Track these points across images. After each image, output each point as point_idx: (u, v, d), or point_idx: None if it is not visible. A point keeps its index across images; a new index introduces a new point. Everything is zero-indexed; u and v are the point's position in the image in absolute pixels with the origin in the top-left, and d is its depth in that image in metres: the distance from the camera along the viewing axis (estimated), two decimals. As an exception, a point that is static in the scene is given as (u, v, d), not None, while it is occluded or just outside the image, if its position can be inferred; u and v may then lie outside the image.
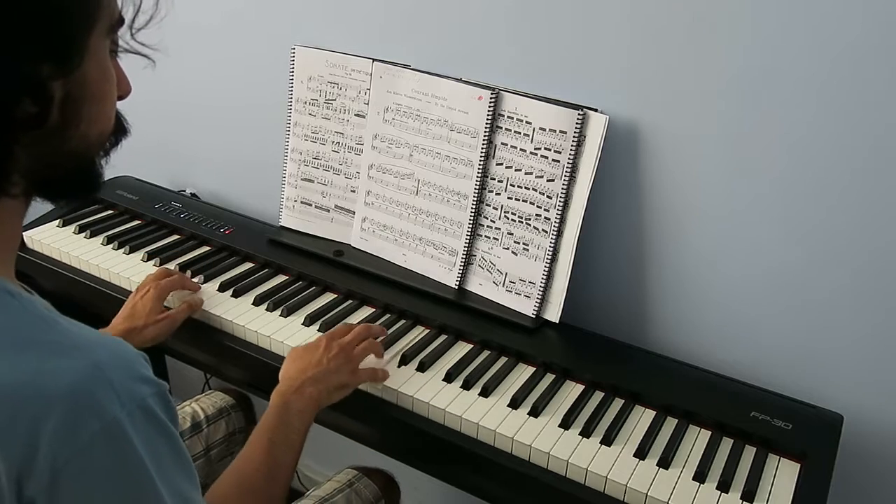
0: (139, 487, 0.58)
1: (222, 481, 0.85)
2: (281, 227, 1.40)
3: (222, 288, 1.24)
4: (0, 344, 0.56)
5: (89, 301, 1.30)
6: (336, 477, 1.20)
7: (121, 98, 0.67)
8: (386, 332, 1.12)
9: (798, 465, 0.94)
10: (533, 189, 1.14)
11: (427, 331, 1.16)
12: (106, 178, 0.72)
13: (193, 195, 1.63)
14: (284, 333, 1.13)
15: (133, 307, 1.13)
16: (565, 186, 1.11)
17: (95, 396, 0.55)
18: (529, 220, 1.15)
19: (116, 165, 0.74)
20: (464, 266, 1.22)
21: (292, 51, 1.32)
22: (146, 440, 0.58)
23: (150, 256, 1.32)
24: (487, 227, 1.20)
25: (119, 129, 0.69)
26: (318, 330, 1.14)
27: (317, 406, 0.95)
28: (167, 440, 0.61)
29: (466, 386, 1.04)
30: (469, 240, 1.21)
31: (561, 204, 1.12)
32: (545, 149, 1.12)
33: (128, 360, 0.60)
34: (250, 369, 1.17)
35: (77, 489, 0.55)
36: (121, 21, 0.63)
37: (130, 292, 1.23)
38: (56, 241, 1.37)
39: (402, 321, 1.18)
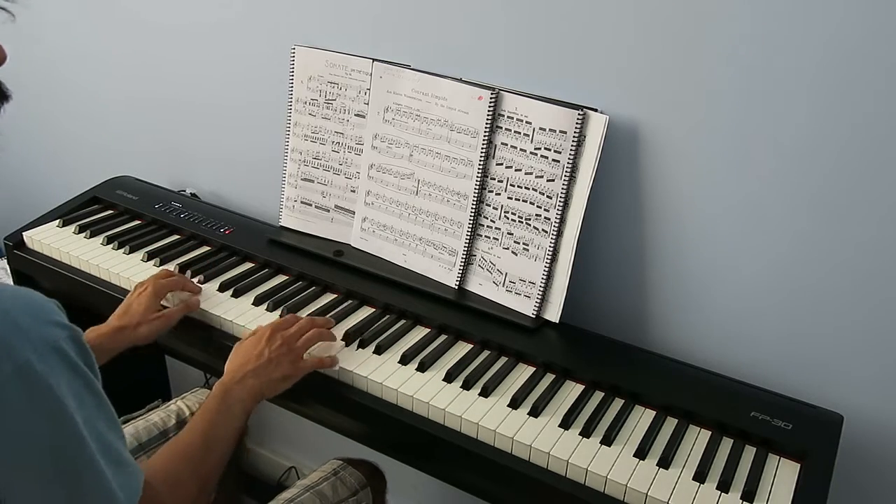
0: (59, 426, 0.59)
1: (162, 449, 0.87)
2: (281, 227, 1.40)
3: (222, 288, 1.24)
4: None
5: (89, 301, 1.30)
6: (322, 467, 1.22)
7: None
8: (333, 322, 1.14)
9: (798, 465, 0.94)
10: (533, 189, 1.14)
11: (427, 331, 1.16)
12: (106, 178, 0.72)
13: (193, 195, 1.64)
14: (284, 333, 1.13)
15: (129, 305, 1.13)
16: (565, 186, 1.11)
17: (4, 341, 0.56)
18: (529, 219, 1.15)
19: (117, 165, 0.74)
20: (464, 266, 1.22)
21: (292, 51, 1.32)
22: (63, 381, 0.59)
23: (150, 256, 1.32)
24: (487, 227, 1.20)
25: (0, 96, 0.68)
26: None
27: (259, 397, 0.98)
28: (84, 382, 0.62)
29: (466, 386, 1.04)
30: (469, 240, 1.21)
31: (561, 204, 1.12)
32: (545, 149, 1.12)
33: (38, 306, 0.61)
34: (250, 369, 1.16)
35: None
36: None
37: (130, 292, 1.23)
38: (56, 241, 1.37)
39: (402, 321, 1.18)
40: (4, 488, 0.58)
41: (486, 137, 1.16)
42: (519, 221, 1.16)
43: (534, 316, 1.16)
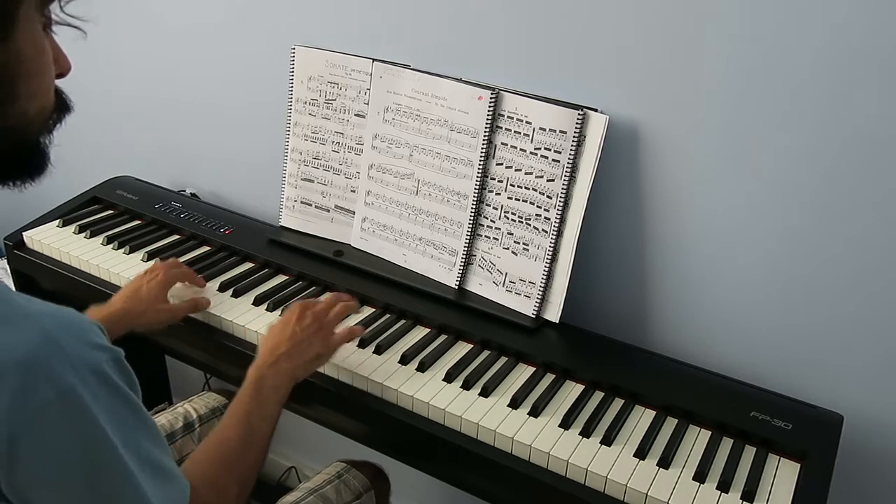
0: (98, 451, 0.59)
1: (200, 449, 0.86)
2: (281, 227, 1.40)
3: (222, 288, 1.24)
4: None
5: (89, 301, 1.29)
6: (325, 470, 1.21)
7: (61, 76, 0.66)
8: (356, 300, 1.13)
9: (798, 465, 0.94)
10: (533, 189, 1.14)
11: (427, 331, 1.16)
12: (106, 178, 0.72)
13: (193, 195, 1.64)
14: (284, 333, 1.13)
15: (137, 289, 1.12)
16: (565, 186, 1.11)
17: (48, 364, 0.56)
18: (529, 219, 1.15)
19: (117, 165, 0.74)
20: (464, 266, 1.22)
21: (292, 51, 1.32)
22: (103, 404, 0.59)
23: (151, 256, 1.32)
24: (487, 227, 1.20)
25: (61, 107, 0.68)
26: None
27: (292, 380, 0.96)
28: (125, 403, 0.62)
29: (466, 386, 1.04)
30: (469, 240, 1.21)
31: (561, 204, 1.12)
32: (545, 149, 1.12)
33: (80, 329, 0.60)
34: (250, 369, 1.17)
35: (35, 457, 0.56)
36: None
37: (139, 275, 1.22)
38: (56, 241, 1.37)
39: (402, 321, 1.18)
40: None
41: (486, 137, 1.16)
42: (519, 221, 1.16)
43: (534, 316, 1.16)
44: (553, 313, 1.16)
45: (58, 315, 0.60)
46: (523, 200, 1.15)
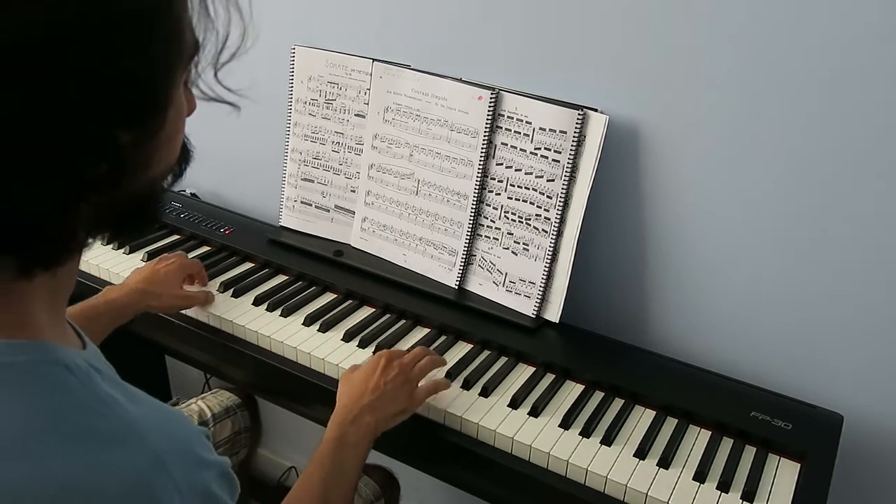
0: None
1: None
2: (281, 227, 1.40)
3: (222, 288, 1.24)
4: (55, 432, 0.50)
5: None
6: None
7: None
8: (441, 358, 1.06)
9: (798, 465, 0.94)
10: (533, 189, 1.14)
11: (427, 331, 1.16)
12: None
13: (193, 195, 1.63)
14: (284, 333, 1.13)
15: (155, 272, 1.13)
16: (565, 186, 1.11)
17: (154, 492, 0.52)
18: (529, 219, 1.15)
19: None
20: (464, 266, 1.22)
21: (292, 51, 1.32)
22: None
23: (151, 256, 1.32)
24: (487, 227, 1.20)
25: (184, 155, 0.63)
26: (319, 330, 1.14)
27: (373, 436, 0.91)
28: None
29: (466, 386, 1.04)
30: (469, 240, 1.21)
31: (561, 204, 1.12)
32: (545, 149, 1.12)
33: (188, 445, 0.56)
34: (250, 369, 1.17)
35: None
36: (196, 48, 0.57)
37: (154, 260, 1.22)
38: (56, 241, 1.37)
39: (402, 321, 1.18)
40: None
41: (486, 137, 1.16)
42: (519, 221, 1.16)
43: (534, 316, 1.16)
44: (553, 313, 1.16)
45: (169, 432, 0.56)
46: (523, 200, 1.15)
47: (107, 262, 1.31)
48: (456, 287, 1.23)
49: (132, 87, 0.48)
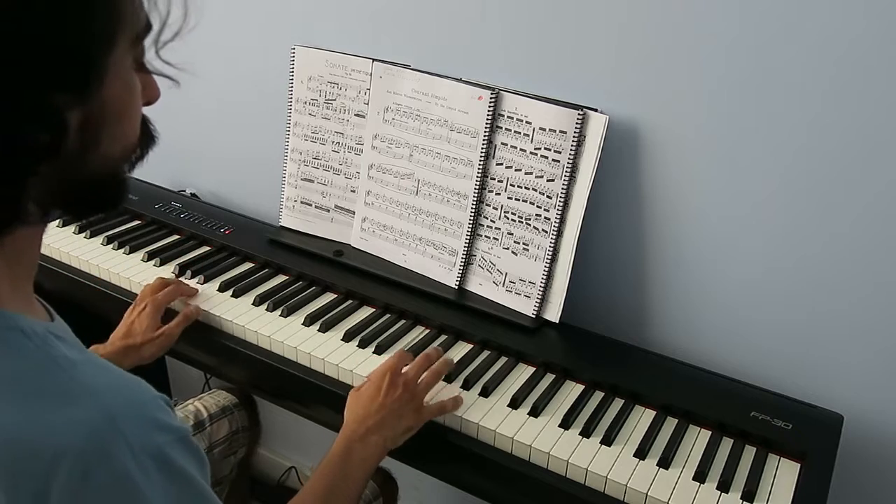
0: None
1: None
2: (281, 227, 1.40)
3: (222, 288, 1.24)
4: (12, 392, 0.53)
5: (90, 301, 1.30)
6: None
7: (147, 104, 0.62)
8: (442, 351, 1.06)
9: (798, 465, 0.94)
10: (533, 189, 1.14)
11: (427, 331, 1.16)
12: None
13: (193, 195, 1.64)
14: (284, 333, 1.13)
15: (130, 325, 1.12)
16: (565, 186, 1.11)
17: (106, 448, 0.53)
18: (529, 220, 1.15)
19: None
20: (464, 266, 1.22)
21: (292, 51, 1.32)
22: (159, 489, 0.55)
23: (150, 256, 1.32)
24: (487, 227, 1.20)
25: (146, 140, 0.64)
26: (319, 330, 1.14)
27: (383, 453, 0.92)
28: (184, 485, 0.58)
29: (466, 386, 1.04)
30: (469, 240, 1.21)
31: (561, 204, 1.12)
32: (545, 149, 1.12)
33: (144, 407, 0.57)
34: (250, 369, 1.17)
35: None
36: (148, 27, 0.58)
37: (130, 292, 1.23)
38: (56, 241, 1.37)
39: (402, 321, 1.18)
40: None
41: (486, 137, 1.16)
42: (519, 221, 1.16)
43: (534, 316, 1.16)
44: (553, 313, 1.16)
45: (124, 392, 0.57)
46: (523, 200, 1.15)
47: (107, 262, 1.31)
48: (456, 287, 1.23)
49: (60, 47, 0.49)
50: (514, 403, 1.01)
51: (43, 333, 0.56)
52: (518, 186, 1.15)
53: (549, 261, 1.14)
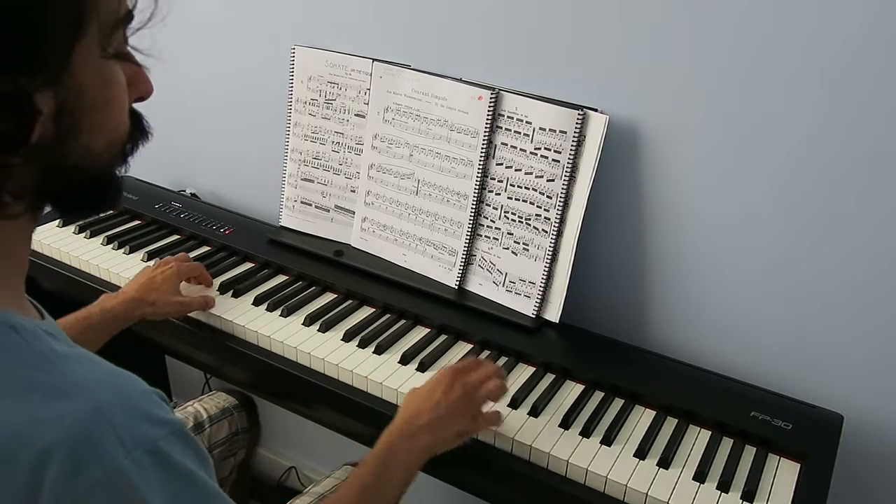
0: None
1: None
2: (281, 227, 1.40)
3: (222, 288, 1.24)
4: (1, 387, 0.52)
5: (90, 301, 1.30)
6: (335, 474, 1.20)
7: (141, 99, 0.62)
8: (505, 374, 1.01)
9: (798, 465, 0.94)
10: (533, 189, 1.14)
11: (427, 331, 1.16)
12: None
13: (193, 195, 1.64)
14: (284, 333, 1.13)
15: (151, 279, 1.13)
16: (565, 186, 1.11)
17: (96, 442, 0.52)
18: (529, 220, 1.15)
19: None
20: (464, 266, 1.22)
21: (292, 51, 1.32)
22: (156, 486, 0.54)
23: (151, 256, 1.32)
24: (487, 227, 1.20)
25: (137, 133, 0.63)
26: (319, 330, 1.14)
27: (427, 456, 0.88)
28: (184, 481, 0.57)
29: (466, 386, 1.04)
30: (469, 240, 1.21)
31: (561, 204, 1.12)
32: (545, 149, 1.12)
33: (134, 400, 0.56)
34: (250, 369, 1.17)
35: None
36: (129, 17, 0.57)
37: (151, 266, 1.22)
38: (56, 241, 1.37)
39: (402, 321, 1.18)
40: None
41: (486, 137, 1.16)
42: (519, 221, 1.16)
43: (534, 316, 1.16)
44: (553, 313, 1.16)
45: (114, 386, 0.55)
46: (523, 200, 1.15)
47: (107, 262, 1.31)
48: (456, 287, 1.23)
49: (16, 27, 0.48)
50: (514, 403, 1.01)
51: (33, 329, 0.56)
52: (518, 186, 1.15)
53: (549, 261, 1.14)
